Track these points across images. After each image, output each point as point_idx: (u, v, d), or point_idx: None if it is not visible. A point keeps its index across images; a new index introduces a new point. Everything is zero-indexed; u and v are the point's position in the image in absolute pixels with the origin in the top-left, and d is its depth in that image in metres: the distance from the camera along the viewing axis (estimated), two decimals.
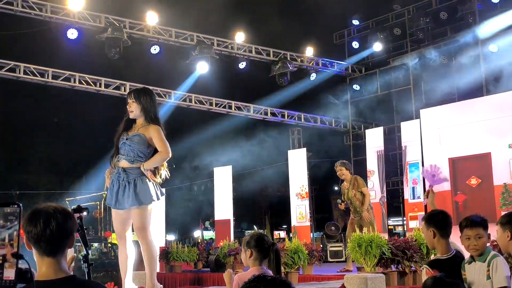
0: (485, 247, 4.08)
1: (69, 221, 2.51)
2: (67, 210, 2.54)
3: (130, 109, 6.19)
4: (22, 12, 15.07)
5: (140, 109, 6.14)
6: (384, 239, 7.45)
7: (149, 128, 6.08)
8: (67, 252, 2.55)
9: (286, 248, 8.83)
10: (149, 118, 6.15)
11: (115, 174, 6.10)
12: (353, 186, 10.42)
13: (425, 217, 4.33)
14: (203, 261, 12.66)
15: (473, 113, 14.44)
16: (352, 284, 6.20)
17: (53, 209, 2.47)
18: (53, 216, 2.45)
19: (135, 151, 6.05)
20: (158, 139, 6.03)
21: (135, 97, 6.18)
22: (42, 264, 2.47)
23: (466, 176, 14.37)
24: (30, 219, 2.44)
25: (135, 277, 8.65)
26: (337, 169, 10.64)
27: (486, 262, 3.99)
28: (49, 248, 2.46)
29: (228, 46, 18.44)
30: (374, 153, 16.92)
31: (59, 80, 16.36)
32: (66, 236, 2.50)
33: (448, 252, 4.17)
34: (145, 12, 16.84)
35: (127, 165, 6.05)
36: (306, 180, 17.24)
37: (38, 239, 2.44)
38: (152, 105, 6.21)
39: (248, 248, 4.13)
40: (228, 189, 17.50)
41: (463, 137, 14.34)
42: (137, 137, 6.07)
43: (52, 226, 2.42)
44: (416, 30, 19.69)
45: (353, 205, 10.39)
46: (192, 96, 18.64)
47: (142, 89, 6.51)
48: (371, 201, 16.09)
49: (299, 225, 16.88)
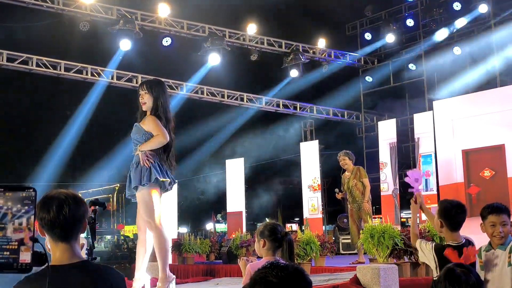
0: (509, 235, 4.04)
1: (81, 206, 2.55)
2: (78, 195, 2.57)
3: (142, 101, 6.16)
4: (34, 5, 15.12)
5: (153, 100, 6.11)
6: (397, 230, 7.41)
7: (145, 119, 6.09)
8: (80, 236, 2.59)
9: (298, 239, 8.81)
10: (155, 109, 6.11)
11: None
12: (355, 175, 10.46)
13: (440, 206, 4.27)
14: (215, 253, 12.67)
15: (487, 104, 14.33)
16: (365, 274, 6.16)
17: (64, 195, 2.51)
18: (65, 202, 2.49)
19: (134, 141, 6.12)
20: (153, 126, 5.98)
21: (147, 88, 6.16)
22: (56, 249, 2.51)
23: (479, 168, 14.27)
24: (42, 206, 2.48)
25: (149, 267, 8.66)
26: (340, 158, 10.72)
27: (507, 250, 3.95)
28: (63, 234, 2.50)
29: (240, 38, 18.40)
30: (386, 145, 16.83)
31: (71, 72, 16.41)
32: (79, 221, 2.54)
33: (458, 240, 4.13)
34: (157, 4, 16.84)
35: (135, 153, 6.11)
36: (318, 172, 17.19)
37: (52, 226, 2.48)
38: (163, 96, 6.19)
39: (262, 238, 4.12)
40: (240, 181, 17.49)
41: (477, 129, 14.24)
42: (134, 128, 6.13)
43: (64, 212, 2.47)
44: (430, 21, 19.54)
45: (352, 195, 10.43)
46: (204, 88, 18.63)
47: (154, 80, 6.48)
48: (384, 193, 16.16)
49: (311, 217, 16.85)
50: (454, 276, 2.92)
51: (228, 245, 11.45)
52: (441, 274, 3.03)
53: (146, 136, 6.00)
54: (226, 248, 11.50)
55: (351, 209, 10.52)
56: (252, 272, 4.00)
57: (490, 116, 14.13)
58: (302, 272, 1.95)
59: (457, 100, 15.45)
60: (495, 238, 4.05)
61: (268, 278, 1.91)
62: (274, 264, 1.96)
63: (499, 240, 4.02)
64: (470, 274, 2.92)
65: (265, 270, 1.93)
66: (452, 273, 2.94)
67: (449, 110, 15.02)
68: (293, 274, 1.93)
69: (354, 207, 10.43)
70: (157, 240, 5.97)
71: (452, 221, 4.14)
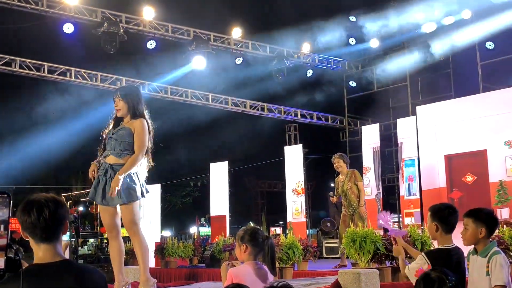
0: (474, 240, 4.09)
1: (61, 208, 2.62)
2: (58, 198, 2.64)
3: (117, 108, 6.19)
4: (18, 6, 15.01)
5: (127, 107, 6.15)
6: (378, 235, 7.44)
7: (134, 123, 6.11)
8: (61, 238, 2.66)
9: (281, 244, 8.81)
10: (133, 114, 6.16)
11: (102, 170, 6.09)
12: (349, 179, 10.35)
13: (432, 210, 4.32)
14: (199, 257, 12.66)
15: (469, 110, 14.45)
16: (346, 279, 6.19)
17: (44, 199, 2.59)
18: (45, 205, 2.56)
19: (122, 144, 6.05)
20: (138, 136, 6.04)
21: (121, 96, 6.18)
22: (38, 250, 2.58)
23: (462, 173, 14.38)
24: (23, 210, 2.56)
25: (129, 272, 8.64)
26: (334, 161, 10.59)
27: (487, 257, 4.00)
28: (44, 236, 2.56)
29: (225, 42, 18.41)
30: (370, 149, 16.89)
31: (55, 74, 16.34)
32: (59, 223, 2.61)
33: (450, 244, 4.20)
34: (142, 6, 16.80)
35: (114, 161, 6.03)
36: (302, 176, 17.21)
37: (33, 228, 2.55)
38: (139, 103, 6.23)
39: (243, 243, 4.10)
40: (224, 185, 17.46)
41: (459, 134, 14.35)
42: (122, 131, 6.09)
43: (45, 214, 2.54)
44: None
45: (347, 199, 10.31)
46: (188, 91, 18.61)
47: (128, 87, 6.66)
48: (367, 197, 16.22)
49: (295, 221, 16.85)
50: (429, 280, 3.03)
51: (211, 249, 11.43)
52: (418, 279, 3.12)
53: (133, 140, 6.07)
54: (209, 252, 11.49)
55: (345, 213, 10.41)
56: (233, 277, 4.01)
57: (472, 121, 14.25)
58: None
59: (440, 105, 15.56)
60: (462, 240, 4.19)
61: None
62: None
63: (463, 242, 4.13)
64: (444, 278, 3.00)
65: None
66: (427, 277, 3.04)
67: (432, 115, 15.12)
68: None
69: (349, 211, 10.30)
70: (141, 245, 6.07)
71: (447, 221, 4.21)
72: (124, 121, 6.22)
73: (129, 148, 6.05)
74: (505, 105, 13.76)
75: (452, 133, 14.52)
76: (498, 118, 13.77)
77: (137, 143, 6.02)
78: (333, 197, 10.69)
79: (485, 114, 14.05)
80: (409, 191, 15.09)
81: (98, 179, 6.08)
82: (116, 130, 6.15)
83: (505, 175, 13.42)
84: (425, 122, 15.13)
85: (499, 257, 3.95)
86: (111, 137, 6.13)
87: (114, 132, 6.14)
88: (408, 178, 15.19)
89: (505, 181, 13.35)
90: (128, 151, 6.04)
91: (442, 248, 4.20)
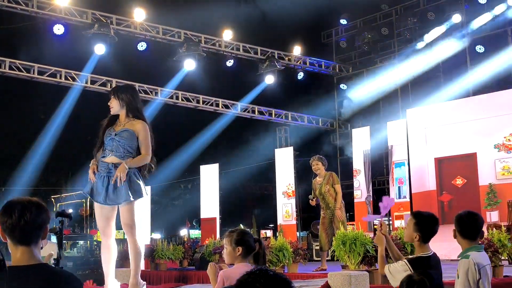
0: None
1: (43, 213, 2.61)
2: (41, 203, 2.64)
3: (110, 105, 6.27)
4: (7, 7, 14.96)
5: (120, 105, 6.20)
6: (368, 237, 7.44)
7: (136, 124, 6.13)
8: (40, 243, 2.64)
9: (271, 246, 8.80)
10: (131, 113, 6.22)
11: (104, 170, 6.07)
12: (327, 181, 10.29)
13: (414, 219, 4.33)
14: (189, 259, 12.61)
15: (459, 113, 14.52)
16: (335, 281, 6.19)
17: (27, 201, 2.59)
18: (27, 208, 2.56)
19: (125, 147, 6.07)
20: (143, 140, 6.13)
21: (114, 94, 6.27)
22: (16, 252, 2.57)
23: (451, 176, 14.44)
24: (5, 211, 2.56)
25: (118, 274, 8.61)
26: (313, 163, 10.53)
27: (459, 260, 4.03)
28: (23, 238, 2.56)
29: (216, 44, 18.41)
30: (360, 152, 16.89)
31: (45, 75, 16.27)
32: (39, 227, 2.60)
33: (428, 251, 4.23)
34: (132, 8, 16.79)
35: (117, 161, 6.04)
36: (293, 178, 17.21)
37: (13, 229, 2.54)
38: (133, 101, 6.25)
39: (238, 246, 4.08)
40: (215, 187, 17.44)
41: (449, 137, 14.41)
42: (126, 133, 6.08)
43: (26, 217, 2.54)
44: (404, 30, 19.75)
45: (325, 201, 10.25)
46: (179, 93, 18.58)
47: (122, 86, 6.68)
48: (357, 200, 16.24)
49: (285, 223, 16.85)
50: (412, 282, 3.10)
51: (202, 252, 11.40)
52: (402, 281, 3.16)
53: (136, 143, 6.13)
54: (200, 254, 11.46)
55: (324, 216, 10.37)
56: (224, 279, 4.01)
57: (462, 124, 14.32)
58: (289, 283, 1.95)
59: (430, 108, 15.62)
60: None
61: (256, 285, 1.91)
62: (262, 271, 1.96)
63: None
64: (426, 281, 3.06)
65: (253, 276, 1.93)
66: (410, 279, 3.13)
67: (422, 119, 15.18)
68: (281, 284, 1.93)
69: (327, 213, 10.26)
70: (134, 247, 6.10)
71: (429, 232, 4.24)
72: (121, 118, 6.25)
73: (132, 150, 6.10)
74: (495, 108, 13.84)
75: (442, 136, 14.59)
76: (488, 122, 13.84)
77: (144, 147, 6.13)
78: (312, 200, 10.64)
79: (475, 117, 14.13)
80: (399, 194, 15.12)
81: (100, 179, 6.07)
82: (118, 130, 6.13)
83: (495, 178, 13.50)
84: (415, 125, 15.19)
85: (463, 262, 3.96)
86: (113, 137, 6.11)
87: (116, 133, 6.11)
88: (398, 181, 15.23)
89: (494, 184, 13.42)
90: (131, 154, 6.09)
91: (422, 256, 4.22)
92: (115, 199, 5.98)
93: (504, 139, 13.48)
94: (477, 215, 4.20)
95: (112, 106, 6.25)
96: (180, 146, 23.48)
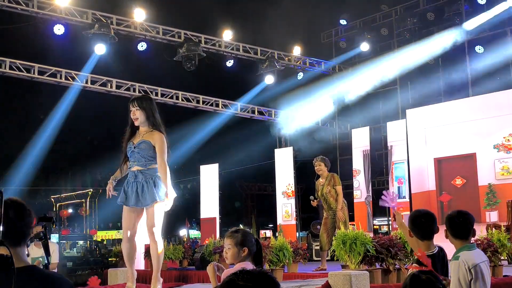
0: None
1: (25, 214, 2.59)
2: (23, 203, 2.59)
3: (134, 117, 6.57)
4: (8, 7, 14.95)
5: (145, 115, 6.55)
6: (368, 237, 7.46)
7: (154, 135, 6.53)
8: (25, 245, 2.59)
9: (271, 246, 8.82)
10: (151, 124, 6.58)
11: (131, 177, 6.56)
12: (329, 182, 10.30)
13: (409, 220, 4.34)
14: (189, 259, 12.65)
15: (459, 113, 14.53)
16: (336, 281, 6.20)
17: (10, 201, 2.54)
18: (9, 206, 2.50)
19: (145, 156, 6.51)
20: (159, 150, 6.48)
21: (139, 105, 6.57)
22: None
23: (451, 176, 14.44)
24: None
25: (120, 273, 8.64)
26: (316, 164, 10.56)
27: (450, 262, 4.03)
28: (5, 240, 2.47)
29: (216, 44, 18.41)
30: (360, 152, 16.94)
31: (45, 76, 16.26)
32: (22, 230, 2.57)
33: (431, 249, 4.20)
34: (132, 8, 16.77)
35: (141, 168, 6.52)
36: (293, 178, 17.24)
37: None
38: (154, 112, 6.63)
39: (244, 247, 4.08)
40: (214, 187, 17.47)
41: (449, 137, 14.42)
42: (144, 144, 6.51)
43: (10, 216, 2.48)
44: (403, 30, 19.79)
45: (327, 202, 10.27)
46: (179, 93, 18.58)
47: (144, 97, 6.96)
48: (357, 200, 16.27)
49: (285, 223, 16.89)
50: (420, 282, 2.98)
51: (202, 251, 11.43)
52: (406, 280, 3.07)
53: (155, 153, 6.50)
54: (199, 254, 11.48)
55: (326, 217, 10.39)
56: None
57: (462, 125, 14.33)
58: (269, 276, 1.97)
59: (430, 109, 15.63)
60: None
61: (239, 283, 1.94)
62: (246, 270, 1.99)
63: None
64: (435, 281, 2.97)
65: (233, 275, 1.96)
66: (417, 279, 2.99)
67: (421, 119, 15.19)
68: (260, 276, 1.95)
69: (330, 214, 10.28)
70: (157, 248, 6.51)
71: (419, 229, 4.22)
72: (141, 129, 6.62)
73: (152, 158, 6.50)
74: (494, 108, 13.85)
75: (442, 137, 14.60)
76: (487, 122, 13.86)
77: (159, 156, 6.46)
78: (314, 201, 10.66)
79: (474, 118, 14.14)
80: (399, 194, 15.15)
81: (128, 185, 6.55)
82: (136, 142, 6.54)
83: (494, 178, 13.51)
84: (415, 125, 15.20)
85: (454, 263, 3.95)
86: (133, 150, 6.53)
87: (135, 146, 6.53)
88: (398, 181, 15.27)
89: (494, 184, 13.43)
90: (151, 161, 6.51)
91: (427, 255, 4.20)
92: (144, 200, 6.44)
93: (503, 139, 13.49)
94: (467, 214, 4.16)
95: (136, 117, 6.57)
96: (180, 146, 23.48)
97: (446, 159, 14.59)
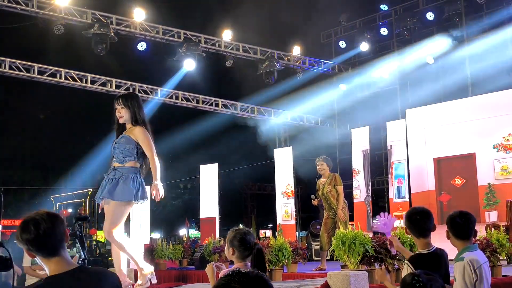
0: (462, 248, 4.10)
1: (56, 222, 2.68)
2: (50, 212, 2.70)
3: (119, 115, 6.42)
4: (8, 7, 14.97)
5: (130, 113, 6.39)
6: (367, 237, 7.46)
7: (134, 130, 6.34)
8: (66, 248, 2.73)
9: (270, 246, 8.82)
10: (135, 121, 6.40)
11: (109, 173, 6.38)
12: (330, 182, 10.32)
13: (405, 217, 4.34)
14: (188, 259, 12.66)
15: (458, 113, 14.53)
16: (335, 281, 6.20)
17: (38, 216, 2.64)
18: (39, 221, 2.61)
19: (123, 151, 6.30)
20: (143, 143, 6.29)
21: (123, 103, 6.41)
22: (50, 263, 2.65)
23: (450, 176, 14.45)
24: (22, 229, 2.63)
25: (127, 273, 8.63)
26: (318, 163, 10.57)
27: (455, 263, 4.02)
28: (49, 249, 2.63)
29: (216, 44, 18.42)
30: (359, 152, 16.91)
31: (45, 75, 16.27)
32: (59, 234, 2.67)
33: (429, 248, 4.20)
34: (132, 8, 16.79)
35: (118, 165, 6.33)
36: (292, 178, 17.22)
37: (34, 244, 2.61)
38: (139, 109, 6.46)
39: (231, 247, 4.09)
40: (214, 187, 17.45)
41: (448, 137, 14.43)
42: (122, 139, 6.36)
43: (43, 229, 2.59)
44: (403, 31, 19.79)
45: (328, 202, 10.28)
46: (179, 93, 18.60)
47: (129, 94, 6.76)
48: (357, 200, 16.26)
49: (284, 223, 16.87)
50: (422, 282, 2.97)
51: (201, 251, 11.44)
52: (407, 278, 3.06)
53: (137, 147, 6.29)
54: (199, 254, 11.49)
55: (327, 217, 10.39)
56: None
57: (461, 125, 14.34)
58: (264, 279, 1.97)
59: (430, 108, 15.63)
60: None
61: (231, 285, 1.93)
62: (236, 271, 1.98)
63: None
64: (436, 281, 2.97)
65: (227, 277, 1.95)
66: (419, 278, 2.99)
67: (421, 119, 15.19)
68: (255, 280, 1.95)
69: (330, 214, 10.28)
70: (116, 244, 6.27)
71: (415, 227, 4.22)
72: (127, 127, 6.47)
73: (130, 154, 6.30)
74: (494, 108, 13.86)
75: (441, 137, 14.60)
76: (487, 122, 13.86)
77: (147, 150, 6.28)
78: (314, 200, 10.67)
79: (474, 117, 14.14)
80: (399, 193, 15.14)
81: (105, 181, 6.35)
82: (117, 139, 6.42)
83: (494, 178, 13.51)
84: (415, 125, 15.20)
85: (459, 264, 3.93)
86: (114, 146, 6.40)
87: (116, 142, 6.41)
88: (398, 181, 15.25)
89: (493, 184, 13.44)
90: (129, 157, 6.30)
91: (422, 253, 4.19)
92: (100, 194, 6.29)
93: (503, 139, 13.49)
94: (469, 214, 4.14)
95: (121, 116, 6.42)
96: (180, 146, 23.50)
97: (445, 159, 14.60)
